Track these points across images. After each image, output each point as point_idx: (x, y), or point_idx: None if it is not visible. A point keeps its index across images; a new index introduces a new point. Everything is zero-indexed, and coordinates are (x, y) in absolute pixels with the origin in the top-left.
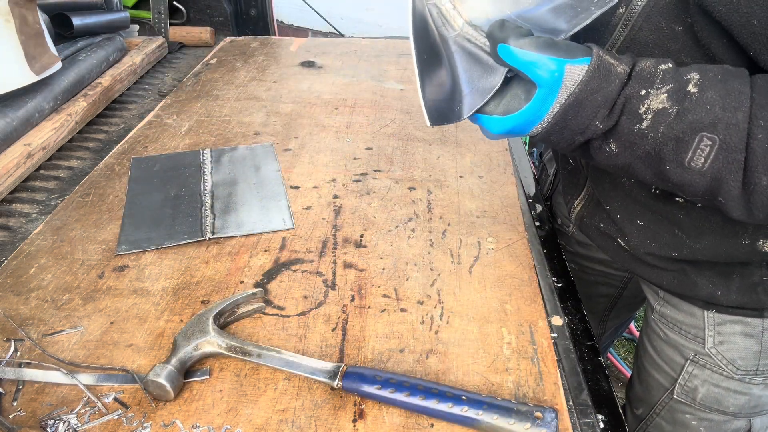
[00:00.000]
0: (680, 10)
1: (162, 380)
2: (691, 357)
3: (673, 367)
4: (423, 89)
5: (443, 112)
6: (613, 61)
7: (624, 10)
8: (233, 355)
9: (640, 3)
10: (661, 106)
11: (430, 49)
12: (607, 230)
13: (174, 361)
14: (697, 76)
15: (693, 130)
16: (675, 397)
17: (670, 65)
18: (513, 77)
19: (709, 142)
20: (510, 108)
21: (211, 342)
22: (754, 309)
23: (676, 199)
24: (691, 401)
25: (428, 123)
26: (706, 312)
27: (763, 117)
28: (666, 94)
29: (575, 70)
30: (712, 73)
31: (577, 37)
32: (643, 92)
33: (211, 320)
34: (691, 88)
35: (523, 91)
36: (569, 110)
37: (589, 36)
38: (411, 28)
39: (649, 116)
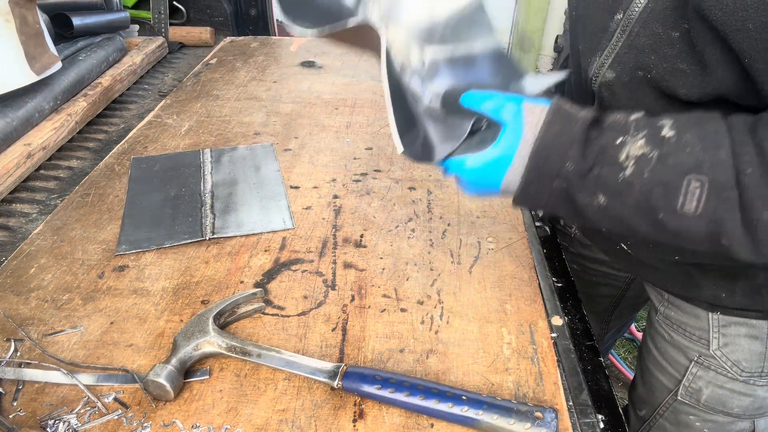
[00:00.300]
0: (677, 16)
1: (162, 380)
2: (695, 358)
3: (677, 369)
4: (400, 136)
5: (418, 154)
6: (571, 110)
7: (622, 16)
8: (233, 355)
9: (637, 9)
10: (640, 152)
11: (404, 109)
12: (609, 234)
13: (174, 361)
14: (671, 122)
15: (678, 173)
16: (679, 398)
17: (641, 114)
18: (478, 130)
19: (697, 184)
20: (479, 150)
21: (211, 342)
22: (759, 311)
23: None
24: (696, 402)
25: (399, 150)
26: (710, 314)
27: (746, 152)
28: (643, 140)
29: (535, 110)
30: (685, 118)
31: (574, 47)
32: (619, 140)
33: (211, 320)
34: (667, 132)
35: (490, 135)
36: (539, 153)
37: (588, 43)
38: (387, 93)
39: (631, 163)
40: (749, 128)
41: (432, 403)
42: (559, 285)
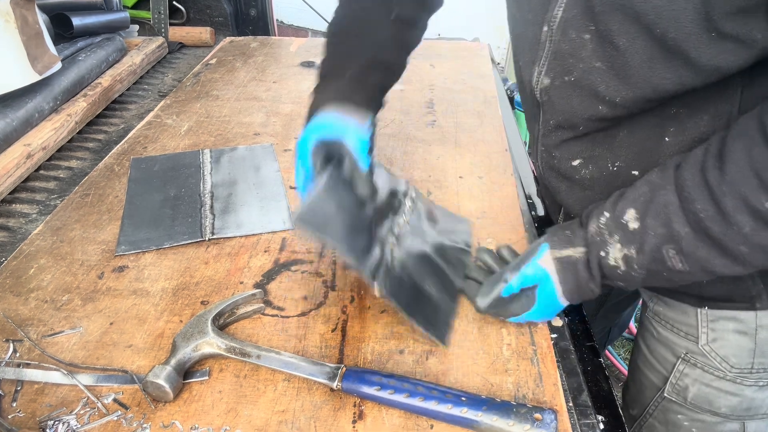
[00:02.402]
0: (585, 20)
1: (161, 381)
2: (682, 355)
3: (665, 366)
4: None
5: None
6: (567, 253)
7: (547, 28)
8: (232, 356)
9: (555, 20)
10: (621, 254)
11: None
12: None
13: (173, 362)
14: (632, 212)
15: (656, 250)
16: (666, 395)
17: (607, 215)
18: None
19: (673, 251)
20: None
21: (210, 343)
22: (744, 301)
23: (632, 172)
24: (683, 401)
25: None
26: (699, 309)
27: (701, 209)
28: (619, 244)
29: (548, 258)
30: (642, 198)
31: (516, 63)
32: (602, 254)
33: (210, 321)
34: (632, 225)
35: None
36: (573, 292)
37: (528, 56)
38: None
39: (621, 264)
40: (699, 168)
41: (431, 405)
42: None
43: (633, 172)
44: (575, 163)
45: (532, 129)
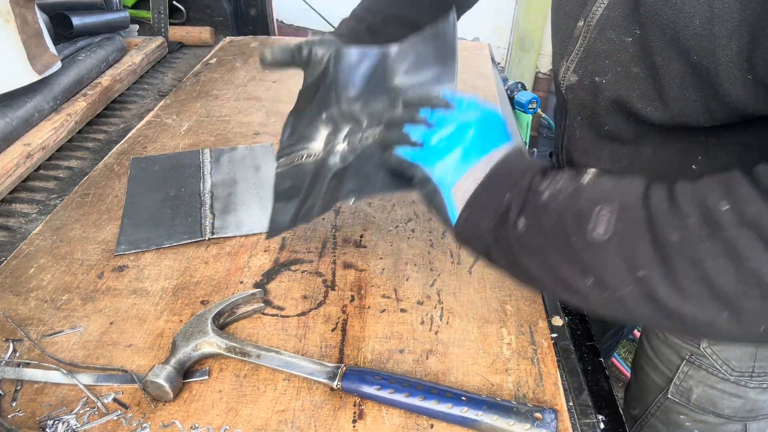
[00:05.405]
0: (629, 23)
1: (161, 381)
2: (687, 357)
3: (670, 367)
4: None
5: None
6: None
7: (583, 23)
8: (232, 355)
9: (595, 17)
10: (559, 186)
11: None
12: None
13: (173, 361)
14: (594, 172)
15: (590, 204)
16: (670, 396)
17: (569, 171)
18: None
19: (606, 211)
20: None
21: (210, 342)
22: None
23: None
24: (686, 402)
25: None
26: None
27: (658, 193)
28: (563, 180)
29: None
30: (609, 176)
31: (552, 51)
32: (544, 183)
33: (210, 321)
34: (587, 178)
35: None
36: (488, 180)
37: (558, 48)
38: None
39: (547, 193)
40: (666, 195)
41: (432, 404)
42: None
43: None
44: (592, 171)
45: (560, 122)
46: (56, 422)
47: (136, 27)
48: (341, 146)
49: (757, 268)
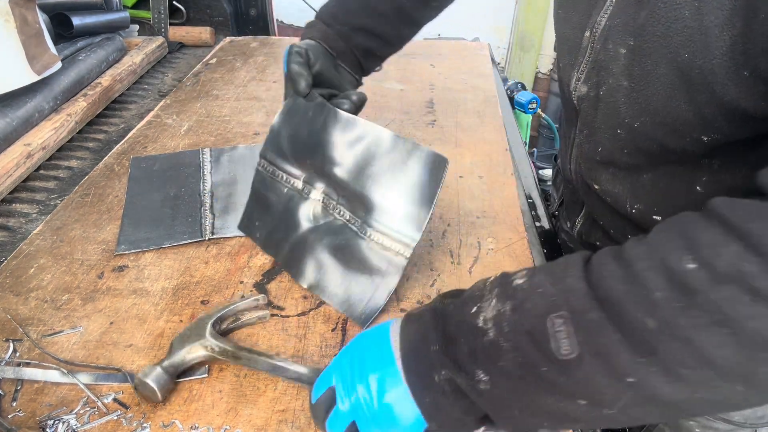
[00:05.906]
0: (626, 33)
1: (148, 381)
2: None
3: None
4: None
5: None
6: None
7: (589, 33)
8: (225, 359)
9: (599, 27)
10: (494, 312)
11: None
12: (604, 246)
13: (166, 363)
14: (524, 272)
15: (538, 317)
16: None
17: (498, 275)
18: None
19: (560, 321)
20: None
21: (205, 346)
22: None
23: (653, 217)
24: None
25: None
26: None
27: (603, 262)
28: (495, 299)
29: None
30: (542, 265)
31: (558, 64)
32: (474, 309)
33: (209, 325)
34: (518, 280)
35: None
36: (407, 356)
37: (567, 59)
38: None
39: (490, 325)
40: (617, 271)
41: None
42: None
43: (655, 218)
44: (597, 187)
45: (568, 131)
46: (56, 422)
47: (136, 27)
48: (317, 199)
49: (754, 326)
